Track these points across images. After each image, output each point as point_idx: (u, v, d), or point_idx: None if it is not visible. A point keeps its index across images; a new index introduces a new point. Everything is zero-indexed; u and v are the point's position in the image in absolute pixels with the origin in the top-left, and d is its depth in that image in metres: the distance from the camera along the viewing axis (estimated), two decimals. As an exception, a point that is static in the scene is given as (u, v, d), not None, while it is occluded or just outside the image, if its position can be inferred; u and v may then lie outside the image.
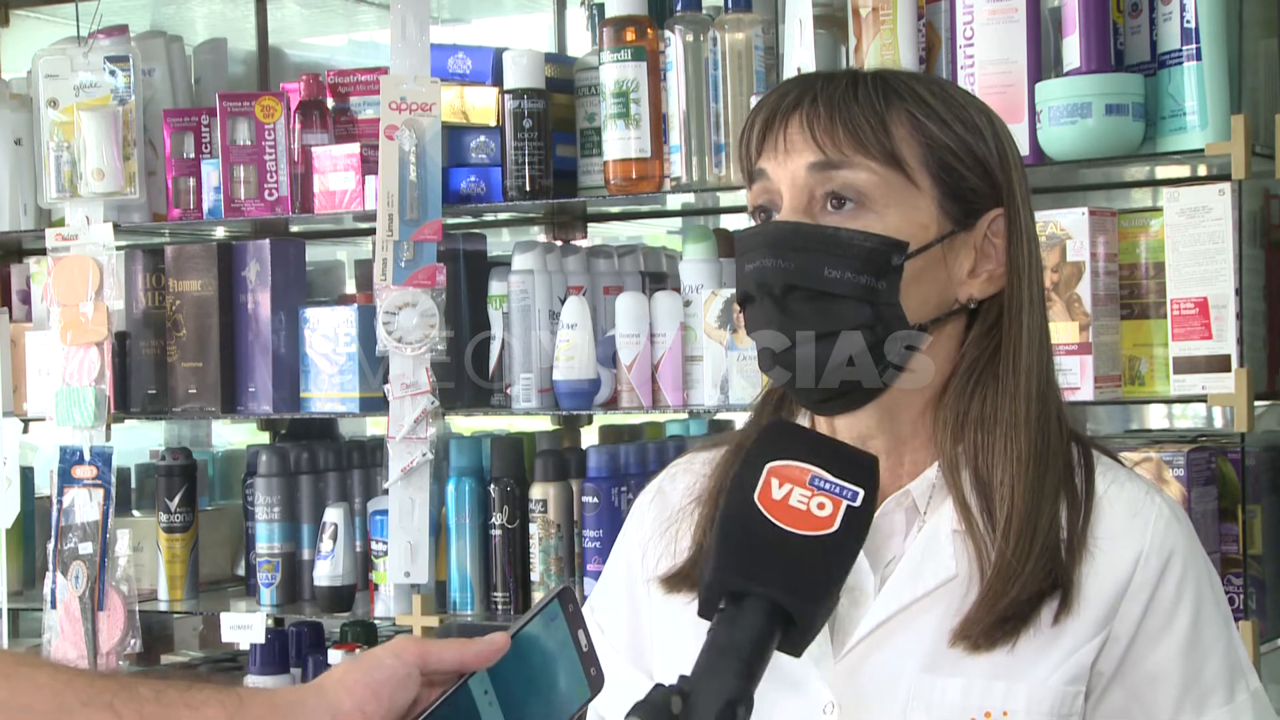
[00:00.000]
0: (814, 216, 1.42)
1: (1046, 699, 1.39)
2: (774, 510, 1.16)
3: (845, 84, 1.43)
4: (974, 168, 1.45)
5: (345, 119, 3.17)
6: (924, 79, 1.48)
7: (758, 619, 1.11)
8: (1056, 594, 1.39)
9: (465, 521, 2.98)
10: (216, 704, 1.11)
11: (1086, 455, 1.47)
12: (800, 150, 1.42)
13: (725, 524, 1.17)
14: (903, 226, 1.42)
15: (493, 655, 1.15)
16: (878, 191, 1.41)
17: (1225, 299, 2.42)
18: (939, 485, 1.45)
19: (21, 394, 3.38)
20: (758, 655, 1.10)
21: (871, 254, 1.40)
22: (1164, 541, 1.42)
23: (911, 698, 1.40)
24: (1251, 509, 2.52)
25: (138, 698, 1.10)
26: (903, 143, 1.42)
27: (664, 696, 1.05)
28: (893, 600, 1.43)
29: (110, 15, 3.35)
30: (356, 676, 1.13)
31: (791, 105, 1.44)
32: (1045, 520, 1.40)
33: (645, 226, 3.58)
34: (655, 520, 1.58)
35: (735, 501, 1.17)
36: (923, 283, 1.43)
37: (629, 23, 2.83)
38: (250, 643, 3.14)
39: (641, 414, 3.00)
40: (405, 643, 1.16)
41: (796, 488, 1.17)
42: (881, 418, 1.46)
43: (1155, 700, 1.41)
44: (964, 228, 1.45)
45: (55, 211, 3.33)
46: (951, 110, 1.45)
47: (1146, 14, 2.51)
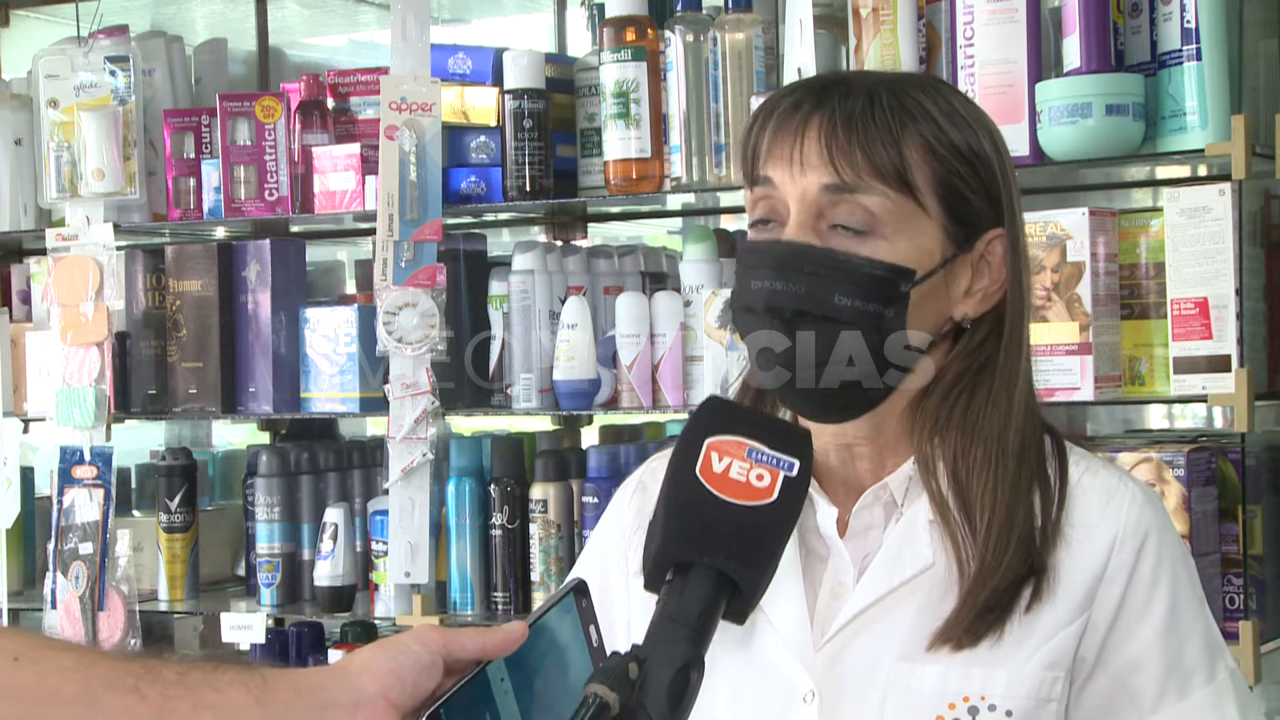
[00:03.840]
0: (821, 235, 1.43)
1: (1025, 684, 1.41)
2: (715, 483, 1.20)
3: (862, 102, 1.43)
4: (979, 191, 1.46)
5: (345, 119, 3.18)
6: (933, 93, 1.47)
7: (705, 588, 1.16)
8: (1032, 580, 1.41)
9: (465, 521, 2.98)
10: (241, 686, 1.11)
11: (1059, 446, 1.49)
12: (815, 168, 1.42)
13: (669, 497, 1.21)
14: (910, 253, 1.43)
15: (512, 644, 1.17)
16: (889, 216, 1.42)
17: (1225, 299, 2.42)
18: (915, 479, 1.47)
19: (22, 394, 3.38)
20: (706, 622, 1.16)
21: (880, 282, 1.41)
22: (1138, 525, 1.44)
23: (890, 685, 1.42)
24: (1251, 509, 2.52)
25: (162, 680, 1.10)
26: (916, 168, 1.42)
27: (621, 663, 1.10)
28: (870, 590, 1.45)
29: (110, 15, 3.35)
30: (382, 661, 1.14)
31: (806, 117, 1.43)
32: (1020, 514, 1.42)
33: (645, 226, 3.58)
34: (637, 514, 1.60)
35: (678, 476, 1.21)
36: (925, 307, 1.44)
37: (629, 23, 2.83)
38: (250, 643, 3.15)
39: (642, 414, 3.00)
40: (429, 631, 1.17)
41: (736, 460, 1.21)
42: (871, 426, 1.48)
43: (1139, 684, 1.43)
44: (965, 250, 1.46)
45: (55, 211, 3.33)
46: (961, 132, 1.45)
47: (1146, 14, 2.51)
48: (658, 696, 1.09)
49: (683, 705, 1.10)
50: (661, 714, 1.09)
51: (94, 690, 1.10)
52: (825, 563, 1.49)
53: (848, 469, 1.50)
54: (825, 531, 1.49)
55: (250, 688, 1.11)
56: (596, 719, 1.07)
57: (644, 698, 1.09)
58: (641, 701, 1.09)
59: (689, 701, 1.11)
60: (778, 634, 1.46)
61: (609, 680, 1.08)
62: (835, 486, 1.51)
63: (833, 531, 1.48)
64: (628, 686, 1.09)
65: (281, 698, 1.12)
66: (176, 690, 1.10)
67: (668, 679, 1.10)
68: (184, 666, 1.12)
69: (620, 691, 1.08)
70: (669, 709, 1.09)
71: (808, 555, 1.49)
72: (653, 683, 1.10)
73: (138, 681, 1.10)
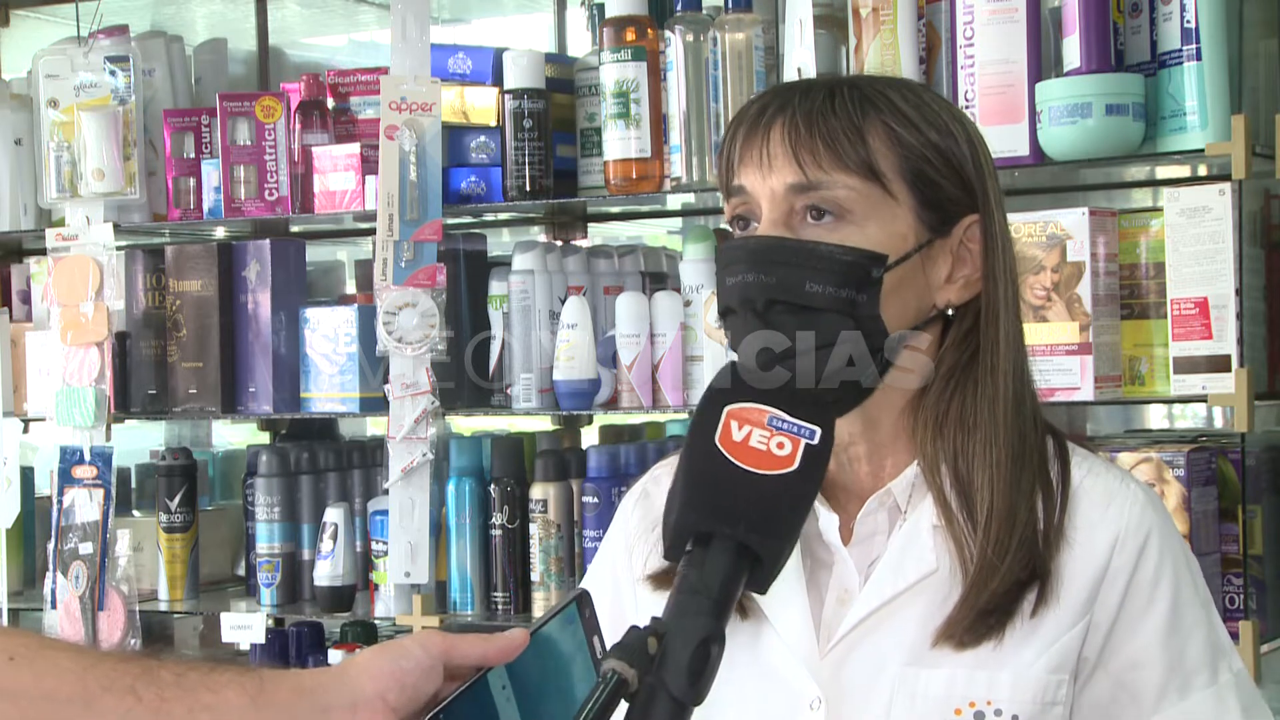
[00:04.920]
0: (794, 229, 1.43)
1: (1029, 688, 1.41)
2: (735, 451, 1.18)
3: (822, 97, 1.44)
4: (949, 175, 1.46)
5: (345, 119, 3.18)
6: (897, 85, 1.48)
7: (725, 559, 1.14)
8: (1035, 584, 1.42)
9: (465, 521, 2.98)
10: (237, 687, 1.11)
11: (1061, 448, 1.49)
12: (780, 167, 1.43)
13: (688, 467, 1.19)
14: (881, 238, 1.43)
15: (513, 651, 1.16)
16: (857, 205, 1.42)
17: (1225, 299, 2.42)
18: (918, 483, 1.48)
19: (21, 394, 3.38)
20: (727, 594, 1.13)
21: (851, 267, 1.41)
22: (1139, 526, 1.44)
23: (896, 691, 1.42)
24: (1251, 509, 2.52)
25: (159, 681, 1.10)
26: (880, 155, 1.43)
27: (640, 638, 1.08)
28: (875, 595, 1.45)
29: (110, 15, 3.35)
30: (382, 664, 1.13)
31: (771, 119, 1.45)
32: (1023, 514, 1.43)
33: (645, 226, 3.58)
34: (641, 521, 1.60)
35: (697, 445, 1.19)
36: (902, 292, 1.44)
37: (629, 23, 2.83)
38: (250, 643, 3.15)
39: (642, 414, 3.00)
40: (431, 635, 1.16)
41: (756, 429, 1.18)
42: (864, 425, 1.48)
43: (1140, 684, 1.43)
44: (941, 235, 1.46)
45: (55, 211, 3.33)
46: (926, 117, 1.46)
47: (1146, 14, 2.51)
48: (677, 671, 1.07)
49: (703, 679, 1.07)
50: (681, 689, 1.06)
51: (90, 691, 1.09)
52: (830, 570, 1.49)
53: (846, 473, 1.50)
54: (828, 538, 1.49)
55: (247, 689, 1.11)
56: (615, 695, 1.05)
57: (663, 672, 1.07)
58: (661, 676, 1.06)
59: (709, 676, 1.08)
60: (783, 641, 1.46)
61: (627, 656, 1.06)
62: (836, 492, 1.51)
63: (836, 538, 1.49)
64: (646, 661, 1.07)
65: (278, 699, 1.11)
66: (173, 691, 1.10)
67: (688, 654, 1.07)
68: (181, 667, 1.12)
69: (639, 666, 1.06)
70: (689, 684, 1.07)
71: (813, 563, 1.49)
72: (672, 657, 1.07)
73: (134, 682, 1.10)
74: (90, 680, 1.10)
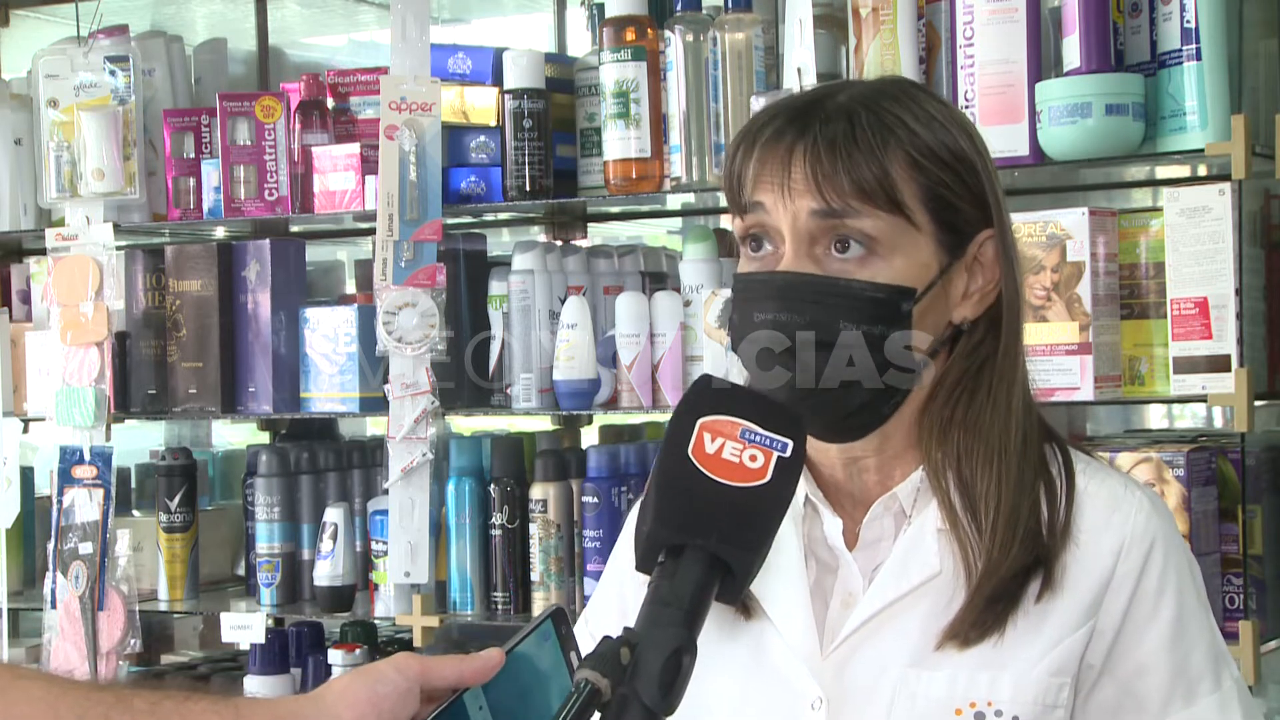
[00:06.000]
0: (818, 260, 1.43)
1: (1030, 690, 1.41)
2: (707, 464, 1.18)
3: (844, 126, 1.42)
4: (965, 195, 1.46)
5: (345, 119, 3.17)
6: (908, 101, 1.46)
7: (697, 571, 1.15)
8: (1040, 570, 1.42)
9: (465, 521, 2.98)
10: (213, 715, 1.10)
11: (1064, 453, 1.49)
12: (803, 194, 1.42)
13: (661, 479, 1.20)
14: (907, 271, 1.43)
15: (489, 671, 1.17)
16: (883, 236, 1.42)
17: (1225, 299, 2.42)
18: (923, 487, 1.48)
19: (21, 394, 3.38)
20: (698, 605, 1.14)
21: (882, 304, 1.42)
22: (1145, 532, 1.45)
23: (897, 692, 1.43)
24: (1251, 509, 2.52)
25: (132, 710, 1.10)
26: (903, 185, 1.42)
27: (613, 648, 1.09)
28: (879, 598, 1.45)
29: (110, 15, 3.35)
30: (359, 690, 1.13)
31: (790, 146, 1.43)
32: (1025, 510, 1.43)
33: (645, 226, 3.58)
34: None
35: (669, 457, 1.20)
36: (927, 319, 1.45)
37: (629, 23, 2.83)
38: (250, 643, 3.14)
39: (641, 414, 3.00)
40: (407, 658, 1.16)
41: (728, 441, 1.19)
42: (879, 441, 1.49)
43: (1145, 691, 1.43)
44: (958, 256, 1.46)
45: (55, 211, 3.33)
46: (940, 139, 1.45)
47: (1146, 14, 2.51)
48: (650, 681, 1.08)
49: (674, 690, 1.09)
50: (653, 699, 1.08)
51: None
52: (835, 574, 1.49)
53: (854, 482, 1.51)
54: (833, 542, 1.49)
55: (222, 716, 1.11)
56: (588, 705, 1.07)
57: (635, 682, 1.08)
58: (633, 686, 1.08)
59: (681, 686, 1.10)
60: (785, 642, 1.47)
61: (600, 665, 1.08)
62: (843, 499, 1.51)
63: (840, 542, 1.49)
64: (619, 671, 1.08)
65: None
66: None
67: (659, 664, 1.09)
68: (156, 696, 1.11)
69: (611, 676, 1.07)
70: (661, 694, 1.08)
71: (818, 567, 1.50)
72: (644, 668, 1.09)
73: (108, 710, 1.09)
74: (63, 709, 1.09)
